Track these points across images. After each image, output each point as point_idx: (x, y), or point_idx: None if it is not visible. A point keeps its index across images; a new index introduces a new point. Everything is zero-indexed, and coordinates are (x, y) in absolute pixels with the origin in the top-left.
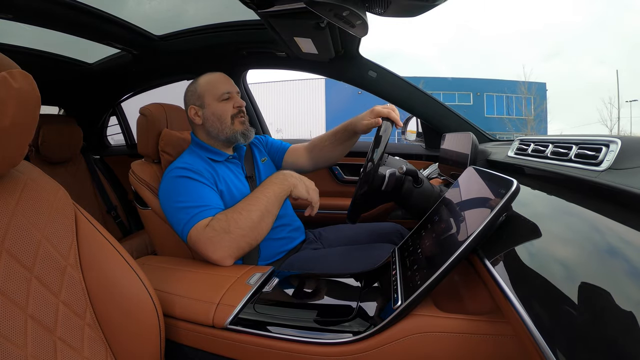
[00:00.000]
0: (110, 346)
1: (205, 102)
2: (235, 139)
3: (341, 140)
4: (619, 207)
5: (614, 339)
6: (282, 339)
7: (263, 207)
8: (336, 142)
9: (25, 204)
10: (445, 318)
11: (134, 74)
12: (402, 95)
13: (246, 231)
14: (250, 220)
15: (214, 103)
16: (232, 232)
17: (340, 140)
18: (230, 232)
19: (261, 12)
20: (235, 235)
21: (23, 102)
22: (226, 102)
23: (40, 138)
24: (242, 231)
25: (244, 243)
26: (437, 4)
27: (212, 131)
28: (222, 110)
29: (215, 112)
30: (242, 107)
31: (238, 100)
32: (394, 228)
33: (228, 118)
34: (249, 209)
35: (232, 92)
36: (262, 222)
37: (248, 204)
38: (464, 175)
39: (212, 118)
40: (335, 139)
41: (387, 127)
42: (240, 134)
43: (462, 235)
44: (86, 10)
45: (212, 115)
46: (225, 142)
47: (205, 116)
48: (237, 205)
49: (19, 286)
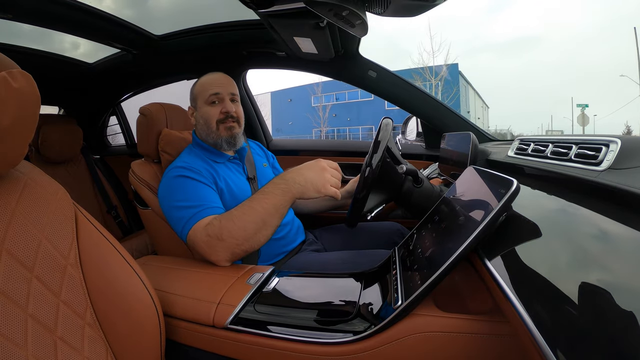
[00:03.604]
0: (111, 346)
1: (197, 105)
2: (219, 146)
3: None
4: (619, 207)
5: (614, 339)
6: (283, 338)
7: (259, 219)
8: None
9: (26, 204)
10: (445, 318)
11: (134, 74)
12: (402, 94)
13: (240, 241)
14: (244, 232)
15: (203, 106)
16: (225, 240)
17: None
18: (223, 240)
19: (261, 12)
20: (229, 244)
21: (23, 102)
22: (213, 106)
23: (40, 138)
24: (236, 240)
25: (238, 250)
26: (437, 4)
27: (202, 134)
28: (208, 114)
29: (203, 116)
30: (230, 113)
31: (226, 105)
32: (394, 228)
33: (213, 123)
34: (244, 219)
35: (223, 94)
36: (258, 233)
37: (243, 214)
38: (464, 175)
39: (200, 121)
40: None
41: (386, 127)
42: (225, 141)
43: (462, 235)
44: (86, 10)
45: (201, 119)
46: (214, 145)
47: (196, 118)
48: (232, 212)
49: (19, 286)
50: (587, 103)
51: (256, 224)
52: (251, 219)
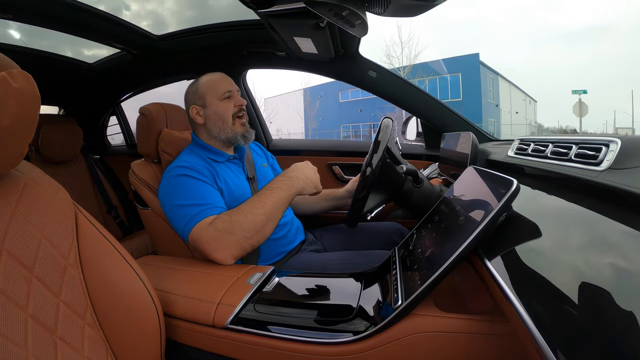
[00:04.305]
0: (111, 346)
1: (207, 102)
2: (235, 140)
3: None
4: (619, 207)
5: (614, 338)
6: (283, 338)
7: (269, 211)
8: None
9: (26, 204)
10: (445, 318)
11: (134, 74)
12: (402, 94)
13: (250, 234)
14: (255, 224)
15: (215, 102)
16: (236, 234)
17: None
18: (234, 233)
19: (261, 12)
20: (239, 237)
21: (23, 102)
22: (227, 100)
23: (40, 138)
24: (247, 233)
25: (247, 244)
26: (437, 4)
27: (214, 130)
28: (223, 109)
29: (217, 111)
30: (243, 106)
31: (239, 99)
32: (394, 228)
33: (229, 117)
34: (255, 212)
35: (233, 90)
36: (266, 226)
37: (253, 207)
38: (464, 175)
39: (214, 117)
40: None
41: (386, 128)
42: (241, 135)
43: (462, 235)
44: (86, 10)
45: (214, 114)
46: (226, 142)
47: (207, 115)
48: (242, 206)
49: (20, 286)
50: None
51: (266, 217)
52: (262, 212)
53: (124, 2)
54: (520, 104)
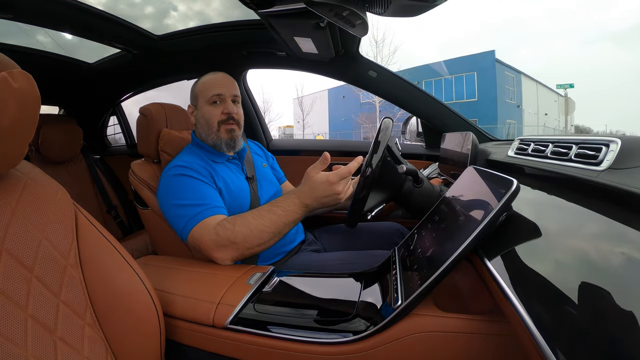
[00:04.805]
0: (111, 346)
1: (198, 104)
2: (219, 147)
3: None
4: (619, 207)
5: (614, 339)
6: (283, 338)
7: (277, 231)
8: None
9: (26, 204)
10: (445, 317)
11: (134, 74)
12: (402, 94)
13: (253, 245)
14: (260, 239)
15: (204, 105)
16: (238, 244)
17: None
18: (236, 243)
19: (261, 12)
20: (240, 247)
21: (23, 102)
22: (215, 106)
23: (40, 138)
24: (249, 244)
25: (247, 253)
26: (437, 4)
27: (202, 133)
28: (209, 114)
29: (204, 115)
30: (231, 114)
31: (228, 106)
32: (394, 228)
33: (215, 123)
34: (262, 230)
35: (225, 95)
36: (270, 241)
37: (263, 225)
38: (464, 175)
39: (201, 120)
40: None
41: (386, 128)
42: (225, 143)
43: (462, 235)
44: (86, 10)
45: (202, 118)
46: (212, 146)
47: (197, 117)
48: (248, 219)
49: (19, 286)
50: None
51: (272, 234)
52: (270, 230)
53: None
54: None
